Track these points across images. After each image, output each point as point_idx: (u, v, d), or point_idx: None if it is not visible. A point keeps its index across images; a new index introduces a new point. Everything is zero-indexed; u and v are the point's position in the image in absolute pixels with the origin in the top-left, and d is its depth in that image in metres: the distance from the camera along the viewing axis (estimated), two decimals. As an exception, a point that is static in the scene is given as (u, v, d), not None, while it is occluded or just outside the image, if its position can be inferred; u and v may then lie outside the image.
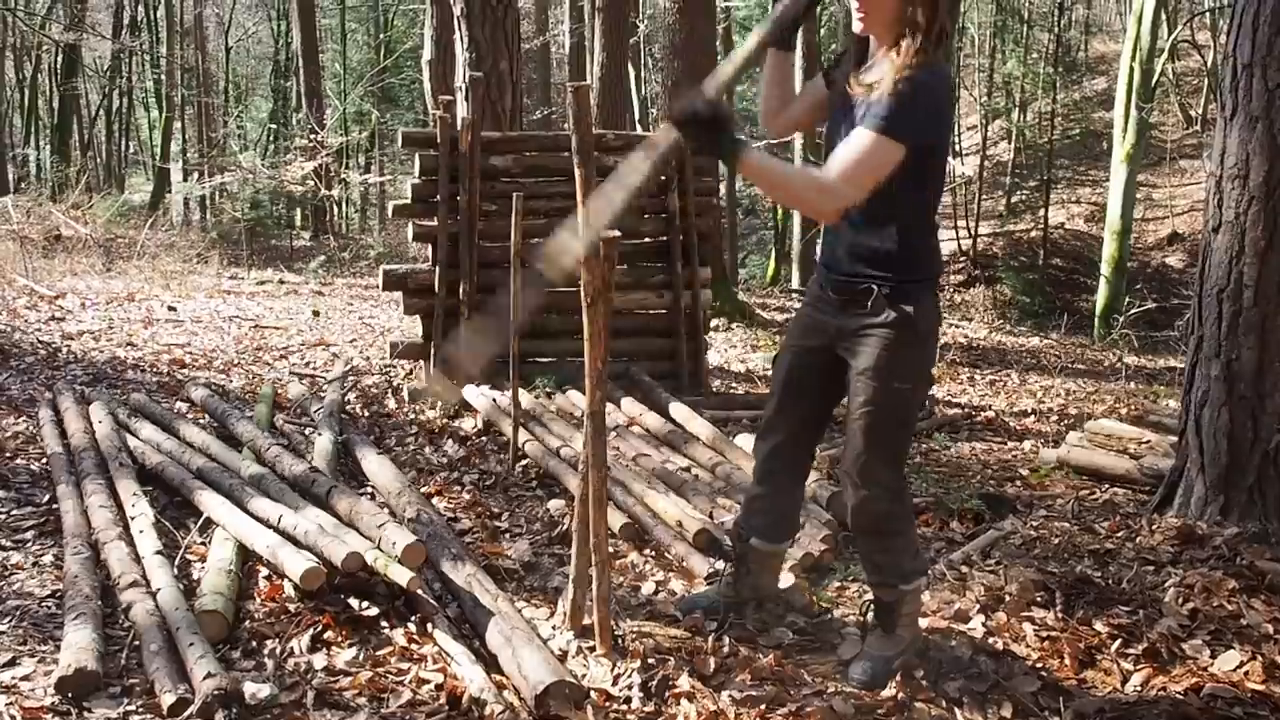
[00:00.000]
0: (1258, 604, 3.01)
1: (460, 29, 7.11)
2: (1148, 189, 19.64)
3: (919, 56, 2.27)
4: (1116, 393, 7.51)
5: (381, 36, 25.69)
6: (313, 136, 15.61)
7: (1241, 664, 2.68)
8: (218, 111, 27.89)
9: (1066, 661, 2.68)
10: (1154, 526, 3.74)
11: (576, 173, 2.48)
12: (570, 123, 2.45)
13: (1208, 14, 19.18)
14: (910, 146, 2.28)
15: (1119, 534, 3.73)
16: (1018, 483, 4.69)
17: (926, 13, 2.29)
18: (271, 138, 25.36)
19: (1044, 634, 2.82)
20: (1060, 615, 2.92)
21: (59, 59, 24.00)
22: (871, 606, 2.74)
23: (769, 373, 7.59)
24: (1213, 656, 2.73)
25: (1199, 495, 3.81)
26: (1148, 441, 4.69)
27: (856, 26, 2.40)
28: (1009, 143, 22.81)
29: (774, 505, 2.84)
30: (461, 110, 6.70)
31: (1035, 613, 2.95)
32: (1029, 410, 6.69)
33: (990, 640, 2.80)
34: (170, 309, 8.84)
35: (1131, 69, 13.29)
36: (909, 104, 2.25)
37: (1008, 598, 3.01)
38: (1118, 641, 2.79)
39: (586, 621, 2.71)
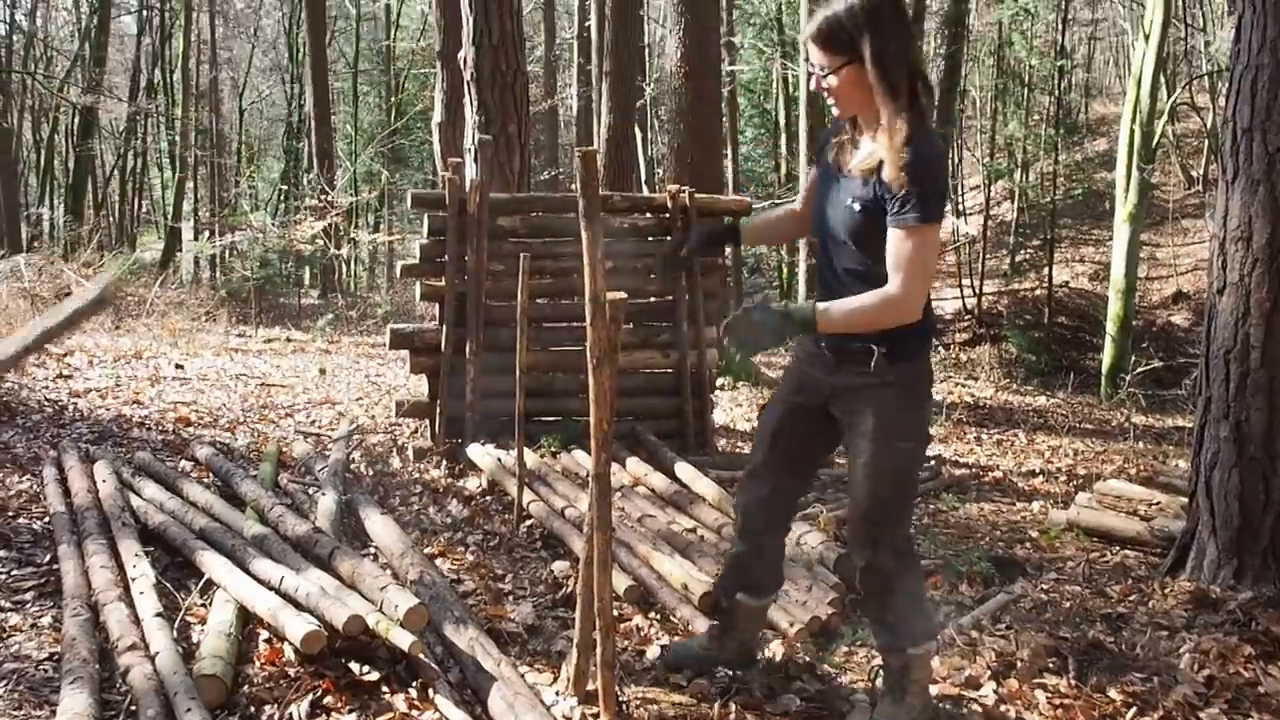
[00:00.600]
0: (1275, 671, 2.96)
1: (470, 93, 7.22)
2: (1151, 248, 19.73)
3: (910, 129, 2.29)
4: (1125, 452, 7.46)
5: (392, 99, 26.12)
6: (323, 196, 15.80)
7: (1260, 733, 2.62)
8: (230, 172, 28.32)
9: (1081, 730, 2.63)
10: (1167, 590, 3.69)
11: (584, 234, 2.50)
12: (578, 185, 2.47)
13: (1206, 77, 19.44)
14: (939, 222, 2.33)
15: (1131, 598, 3.68)
16: (1027, 544, 4.64)
17: (899, 81, 2.31)
18: (282, 197, 25.65)
19: (1057, 702, 2.77)
20: (1073, 682, 2.87)
21: (76, 120, 24.40)
22: (880, 672, 2.70)
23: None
24: (1230, 726, 2.67)
25: (1211, 558, 3.77)
26: (1158, 503, 4.65)
27: (835, 112, 2.45)
28: (1012, 202, 23.01)
29: (759, 560, 2.83)
30: (470, 172, 6.77)
31: (1048, 679, 2.90)
32: (1037, 470, 6.64)
33: (1002, 708, 2.74)
34: (178, 367, 8.86)
35: (1132, 131, 13.43)
36: (928, 188, 2.28)
37: (1019, 664, 2.96)
38: (1133, 710, 2.74)
39: (590, 687, 2.67)
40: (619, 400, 5.90)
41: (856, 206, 2.39)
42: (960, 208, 23.93)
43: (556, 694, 2.80)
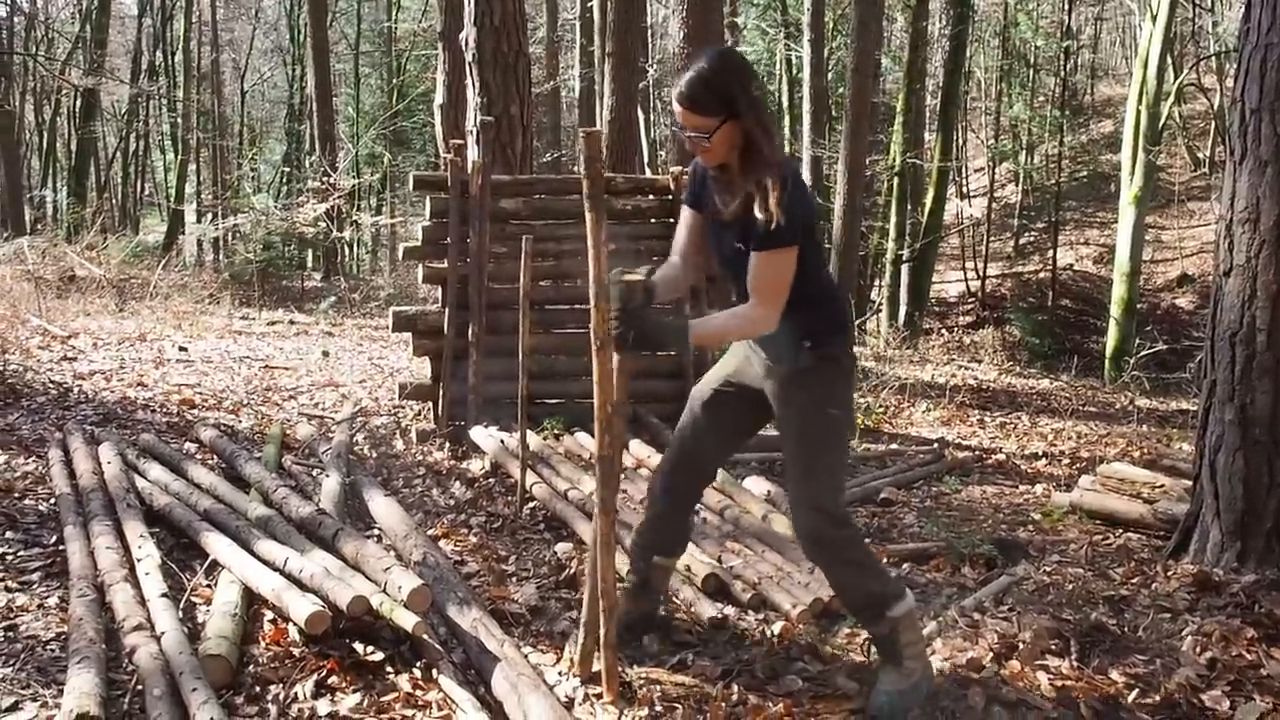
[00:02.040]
0: (1278, 653, 2.96)
1: (472, 74, 7.19)
2: (1156, 231, 19.66)
3: (769, 163, 2.51)
4: (1129, 435, 7.46)
5: (394, 81, 26.03)
6: (325, 179, 15.77)
7: (1263, 716, 2.63)
8: (232, 154, 28.27)
9: (1083, 712, 2.63)
10: (1169, 573, 3.70)
11: (587, 216, 2.49)
12: (581, 166, 2.48)
13: (1213, 58, 19.32)
14: (797, 247, 2.53)
15: (1134, 580, 3.68)
16: (1030, 527, 4.65)
17: (757, 126, 2.53)
18: (284, 180, 25.61)
19: (1059, 683, 2.78)
20: (1075, 664, 2.88)
21: (78, 103, 24.36)
22: (872, 646, 2.80)
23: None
24: (1233, 708, 2.68)
25: (1215, 541, 3.77)
26: (1161, 486, 4.65)
27: (704, 161, 2.65)
28: (1016, 185, 22.92)
29: (674, 522, 3.02)
30: (472, 154, 6.75)
31: (1050, 661, 2.90)
32: (1040, 453, 6.64)
33: (1004, 690, 2.75)
34: (181, 349, 8.87)
35: (1138, 112, 13.36)
36: (785, 214, 2.47)
37: (1021, 646, 2.97)
38: (1135, 692, 2.74)
39: (595, 668, 2.68)
40: (622, 383, 5.90)
41: (741, 248, 2.59)
42: (964, 190, 23.85)
43: (559, 674, 2.81)
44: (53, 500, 4.10)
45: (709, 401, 2.89)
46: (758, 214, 2.50)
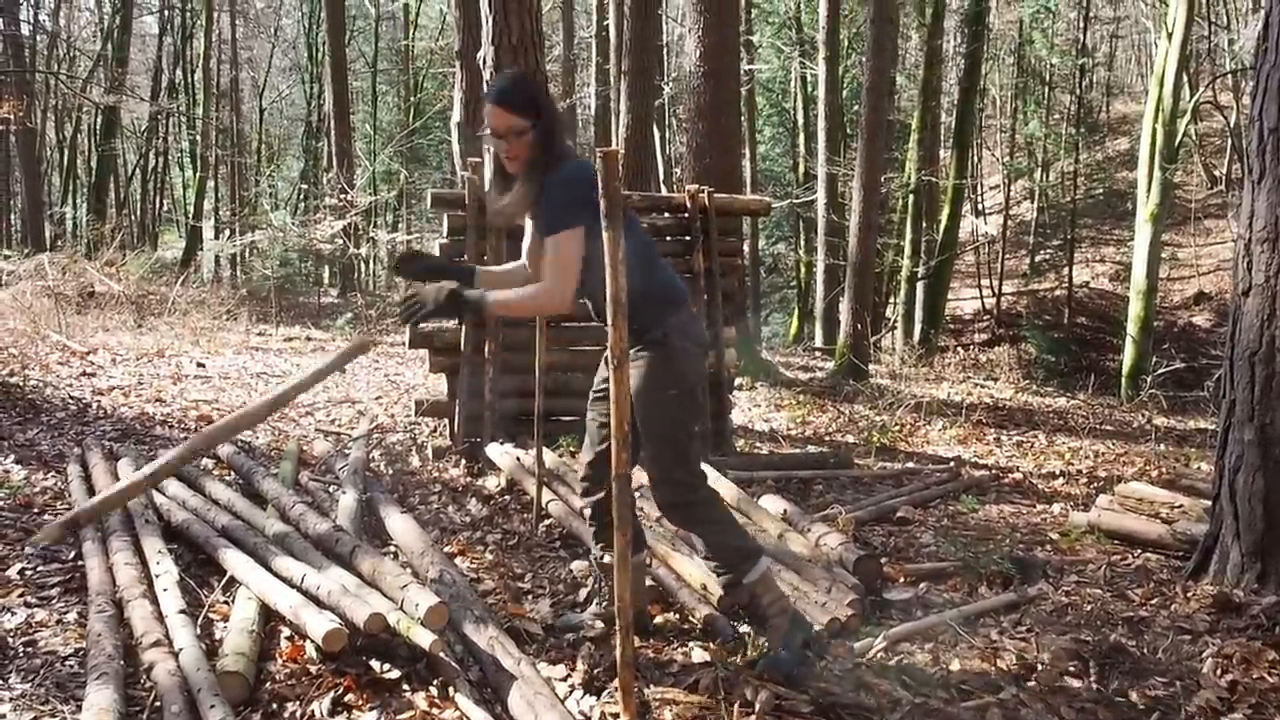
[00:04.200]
0: (1299, 676, 2.93)
1: (489, 92, 7.23)
2: (1173, 248, 19.58)
3: (553, 166, 2.80)
4: (1146, 455, 7.41)
5: (411, 99, 26.21)
6: (342, 196, 15.87)
7: (1284, 739, 2.60)
8: (250, 171, 28.51)
9: (1102, 734, 2.62)
10: (1189, 594, 3.67)
11: (605, 235, 2.50)
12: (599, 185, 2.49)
13: (1229, 75, 19.26)
14: (582, 229, 2.74)
15: (1153, 601, 3.65)
16: (1047, 547, 4.62)
17: (550, 141, 2.82)
18: (302, 197, 25.80)
19: (1078, 705, 2.76)
20: (1094, 685, 2.86)
21: (99, 120, 24.61)
22: (743, 618, 3.10)
23: (793, 432, 7.56)
24: (1254, 731, 2.65)
25: (1235, 562, 3.74)
26: (1180, 506, 4.61)
27: (507, 165, 2.89)
28: (1032, 202, 22.88)
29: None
30: (490, 171, 6.78)
31: (1069, 682, 2.88)
32: (1057, 472, 6.61)
33: (1023, 711, 2.73)
34: (199, 365, 8.93)
35: (1154, 130, 13.33)
36: (560, 203, 2.76)
37: (1040, 667, 2.95)
38: (1154, 714, 2.72)
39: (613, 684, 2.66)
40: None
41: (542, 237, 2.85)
42: (979, 207, 23.82)
43: (570, 687, 2.81)
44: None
45: (593, 402, 3.16)
46: (540, 203, 2.80)
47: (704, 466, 4.87)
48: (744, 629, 3.26)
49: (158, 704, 2.55)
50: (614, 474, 2.50)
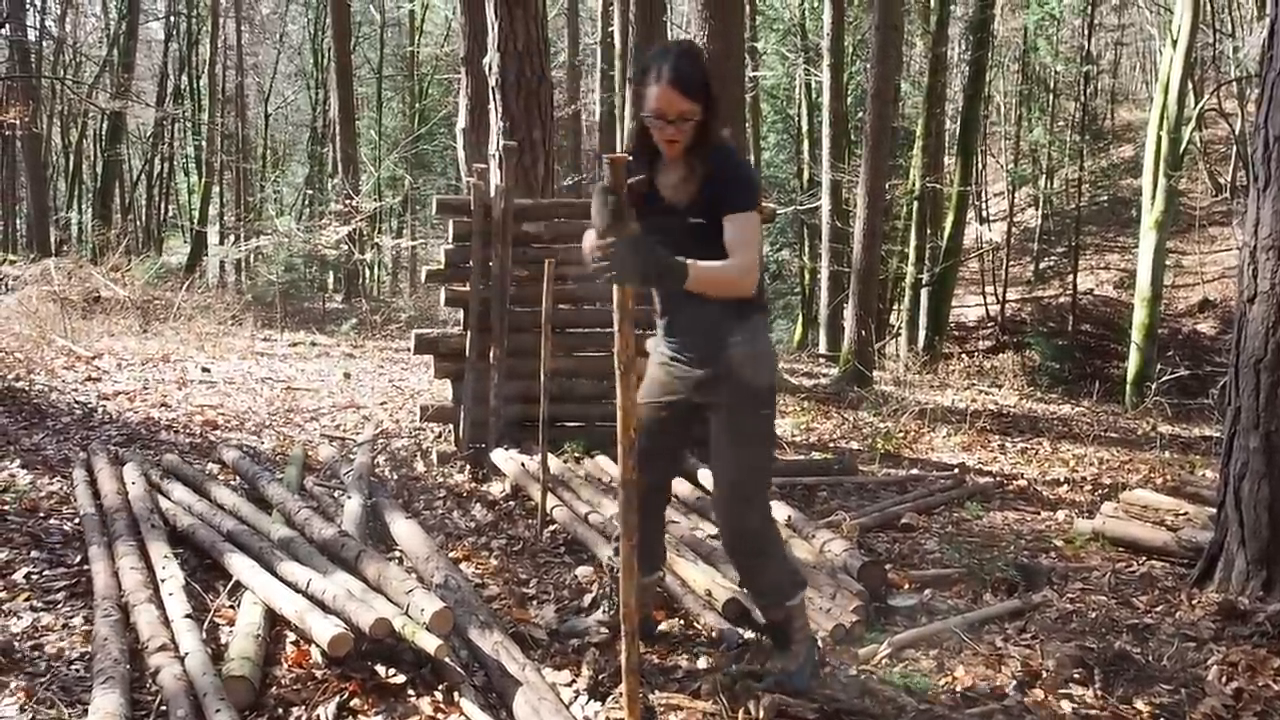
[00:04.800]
0: (1305, 684, 2.92)
1: (495, 99, 7.26)
2: (1177, 255, 19.56)
3: (723, 148, 2.66)
4: (1151, 462, 7.40)
5: (416, 105, 26.28)
6: (347, 201, 15.90)
7: (1290, 747, 2.60)
8: (255, 177, 28.57)
9: (1107, 742, 2.61)
10: (1194, 601, 3.66)
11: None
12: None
13: (1234, 83, 19.26)
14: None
15: (1158, 608, 3.65)
16: (1052, 554, 4.61)
17: (716, 125, 2.65)
18: (306, 202, 25.86)
19: (1083, 712, 2.75)
20: (1099, 693, 2.85)
21: (104, 126, 24.70)
22: (766, 630, 2.95)
23: (797, 438, 7.56)
24: (1259, 739, 2.65)
25: (1240, 570, 3.73)
26: (1185, 513, 4.61)
27: (665, 150, 2.68)
28: (1036, 209, 22.87)
29: (645, 540, 2.91)
30: (495, 178, 6.81)
31: (1074, 689, 2.88)
32: (1062, 479, 6.60)
33: (1027, 718, 2.73)
34: (204, 370, 8.95)
35: (1159, 137, 13.32)
36: (748, 183, 2.66)
37: (1045, 674, 2.95)
38: (1160, 721, 2.71)
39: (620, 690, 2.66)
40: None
41: (703, 221, 2.65)
42: (984, 214, 23.82)
43: (575, 692, 2.82)
44: (77, 520, 4.14)
45: (650, 429, 2.85)
46: (718, 187, 2.61)
47: (708, 471, 4.92)
48: (748, 634, 3.26)
49: (163, 708, 2.56)
50: (620, 480, 2.50)
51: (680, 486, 4.79)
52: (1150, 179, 13.53)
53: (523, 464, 5.10)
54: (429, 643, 2.74)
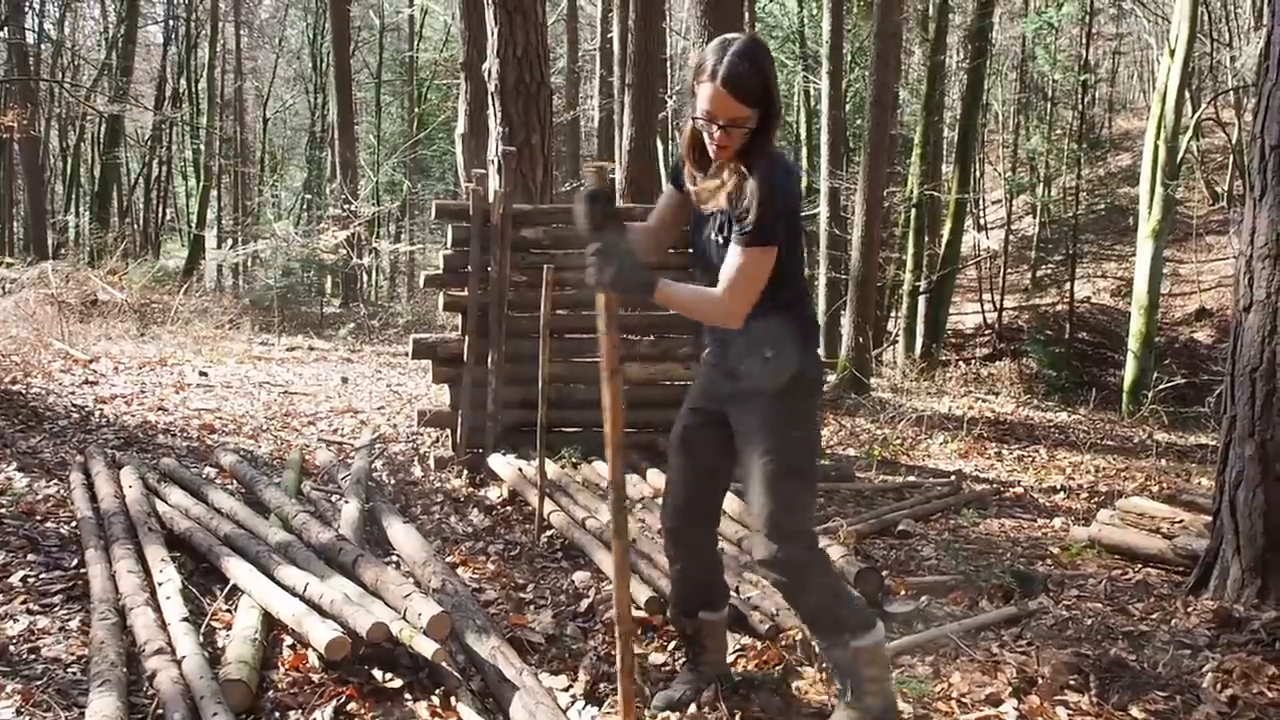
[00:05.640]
0: (1300, 691, 2.93)
1: (494, 105, 7.27)
2: (1174, 264, 19.59)
3: (767, 159, 2.39)
4: (1147, 470, 7.42)
5: (415, 110, 26.30)
6: (345, 206, 15.92)
7: (1285, 755, 2.60)
8: (253, 181, 28.59)
9: (1103, 748, 2.62)
10: (1189, 609, 3.67)
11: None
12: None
13: (1232, 92, 19.31)
14: (776, 247, 2.40)
15: (1154, 616, 3.66)
16: (1048, 561, 4.62)
17: (769, 136, 2.39)
18: (305, 207, 25.87)
19: (1079, 719, 2.76)
20: (1095, 699, 2.86)
21: (102, 129, 24.69)
22: (833, 675, 2.65)
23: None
24: (1254, 746, 2.65)
25: (1235, 577, 3.74)
26: (1181, 521, 4.62)
27: (713, 153, 2.44)
28: (1033, 217, 22.89)
29: (701, 574, 2.81)
30: (493, 183, 6.82)
31: (1069, 696, 2.88)
32: (1058, 487, 6.61)
33: (1023, 725, 2.73)
34: (201, 374, 8.95)
35: (1156, 146, 13.35)
36: (771, 212, 2.36)
37: (1040, 680, 2.95)
38: (1155, 729, 2.72)
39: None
40: (640, 412, 5.93)
41: (717, 239, 2.49)
42: (981, 222, 23.86)
43: (572, 697, 2.82)
44: (74, 523, 4.14)
45: (681, 444, 2.73)
46: (740, 207, 2.38)
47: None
48: (744, 639, 3.26)
49: (160, 712, 2.56)
50: (610, 481, 2.49)
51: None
52: (1148, 188, 13.56)
53: (520, 469, 5.10)
54: (426, 647, 2.74)
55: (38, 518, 4.25)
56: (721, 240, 2.47)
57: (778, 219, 2.38)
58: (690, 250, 2.66)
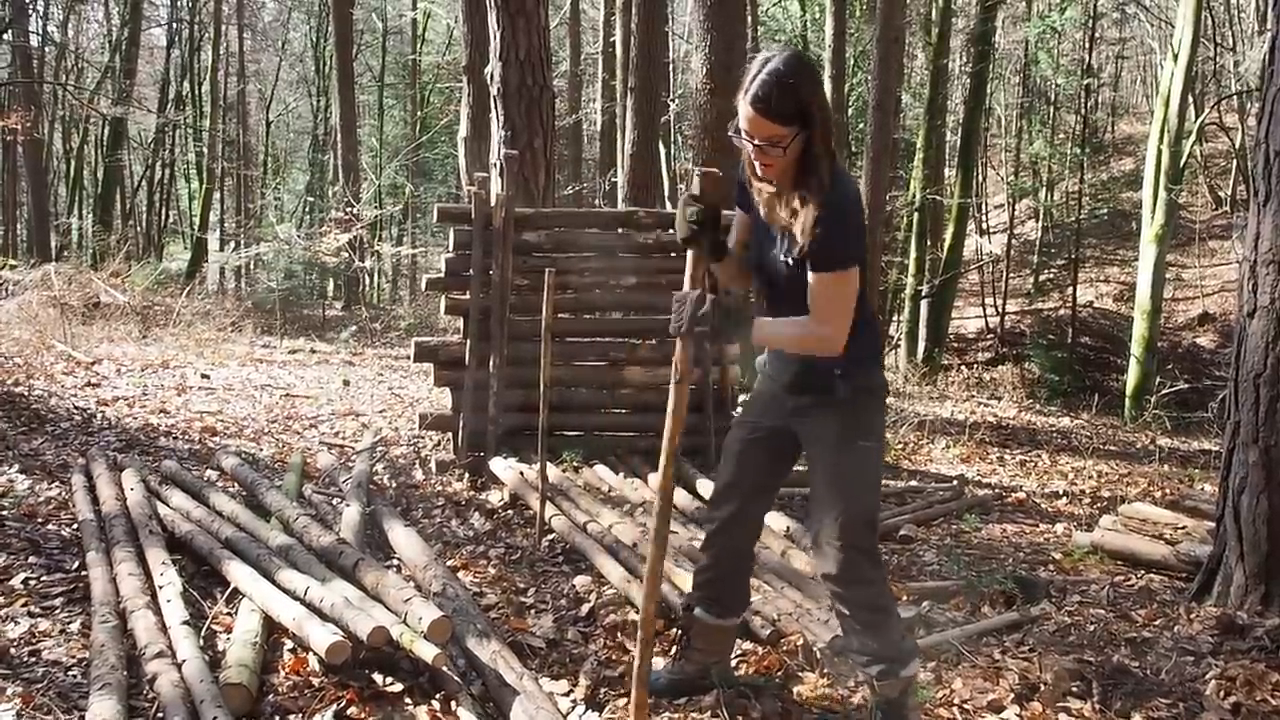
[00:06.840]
0: (1303, 699, 2.92)
1: (496, 108, 7.28)
2: (1177, 269, 19.58)
3: (819, 179, 2.34)
4: (1150, 475, 7.40)
5: (417, 113, 26.33)
6: (348, 209, 15.93)
7: (1288, 762, 2.59)
8: (256, 183, 28.62)
9: (1105, 755, 2.61)
10: (1192, 615, 3.66)
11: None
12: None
13: (1235, 97, 19.31)
14: (858, 266, 2.39)
15: (1156, 622, 3.65)
16: (1050, 567, 4.61)
17: (824, 143, 2.34)
18: (307, 209, 25.89)
19: (1081, 726, 2.75)
20: (1097, 706, 2.85)
21: (105, 131, 24.74)
22: (877, 709, 2.60)
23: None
24: (1257, 754, 2.64)
25: (1239, 584, 3.73)
26: (1184, 527, 4.61)
27: (759, 170, 2.42)
28: (1036, 221, 22.89)
29: (722, 577, 2.83)
30: (496, 186, 6.82)
31: (1071, 703, 2.87)
32: (1061, 492, 6.60)
33: (1026, 731, 2.72)
34: (203, 376, 8.95)
35: (1159, 150, 13.35)
36: (843, 235, 2.36)
37: (1043, 687, 2.94)
38: (1158, 736, 2.71)
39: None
40: (644, 416, 5.92)
41: (790, 262, 2.45)
42: (984, 226, 23.85)
43: (572, 702, 2.81)
44: (75, 526, 4.14)
45: (742, 454, 2.74)
46: (805, 230, 2.35)
47: (706, 482, 4.91)
48: (746, 645, 3.26)
49: (160, 715, 2.55)
50: (660, 488, 2.46)
51: (678, 496, 4.79)
52: (1150, 192, 13.56)
53: (521, 473, 5.09)
54: (426, 651, 2.73)
55: (39, 520, 4.25)
56: (791, 262, 2.44)
57: (848, 239, 2.37)
58: (757, 268, 2.62)
